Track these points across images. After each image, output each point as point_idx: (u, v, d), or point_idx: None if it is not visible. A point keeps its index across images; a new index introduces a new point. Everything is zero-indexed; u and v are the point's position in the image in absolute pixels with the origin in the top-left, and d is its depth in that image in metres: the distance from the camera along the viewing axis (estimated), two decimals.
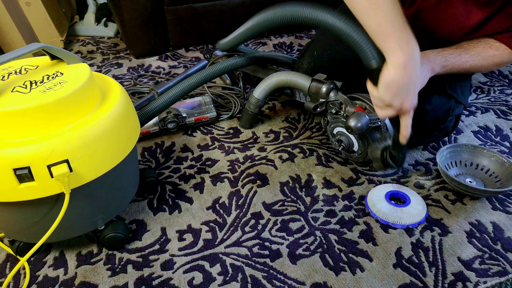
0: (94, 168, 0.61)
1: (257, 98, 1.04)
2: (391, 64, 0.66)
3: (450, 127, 0.97)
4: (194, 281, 0.69)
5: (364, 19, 0.66)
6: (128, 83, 1.32)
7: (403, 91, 0.68)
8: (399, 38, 0.64)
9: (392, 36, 0.64)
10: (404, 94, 0.69)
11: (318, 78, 0.95)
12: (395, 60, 0.65)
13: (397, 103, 0.70)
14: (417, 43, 0.65)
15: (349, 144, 0.90)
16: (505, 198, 0.86)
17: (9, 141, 0.55)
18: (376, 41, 0.66)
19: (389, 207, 0.80)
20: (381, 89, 0.70)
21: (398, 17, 0.63)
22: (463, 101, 0.94)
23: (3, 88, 0.59)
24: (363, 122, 0.80)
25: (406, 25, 0.64)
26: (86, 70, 0.64)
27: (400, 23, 0.63)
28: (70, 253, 0.74)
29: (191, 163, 0.97)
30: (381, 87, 0.70)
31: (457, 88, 0.92)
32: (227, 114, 1.13)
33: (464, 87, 0.95)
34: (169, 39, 1.52)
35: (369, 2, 0.63)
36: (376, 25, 0.65)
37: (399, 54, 0.64)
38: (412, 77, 0.67)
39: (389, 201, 0.82)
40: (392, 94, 0.69)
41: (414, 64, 0.66)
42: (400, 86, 0.67)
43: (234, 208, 0.84)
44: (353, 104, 0.88)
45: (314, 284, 0.69)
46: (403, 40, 0.64)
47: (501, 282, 0.69)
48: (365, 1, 0.64)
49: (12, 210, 0.62)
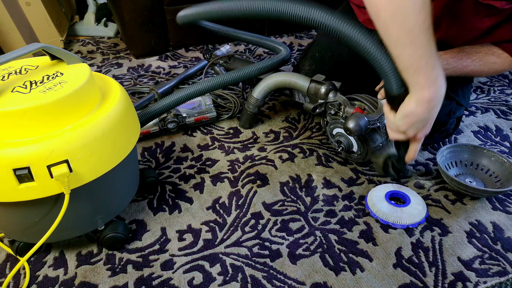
0: (94, 168, 0.61)
1: (256, 98, 1.04)
2: (415, 98, 0.64)
3: (451, 129, 0.97)
4: (194, 281, 0.69)
5: (397, 51, 0.62)
6: (128, 83, 1.32)
7: (420, 124, 0.68)
8: (430, 74, 0.61)
9: (423, 72, 0.61)
10: (420, 126, 0.68)
11: (316, 79, 0.95)
12: (419, 95, 0.63)
13: (411, 133, 0.70)
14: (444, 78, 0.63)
15: (348, 145, 0.90)
16: (505, 198, 0.86)
17: (9, 141, 0.55)
18: (404, 73, 0.63)
19: (389, 207, 0.80)
20: (399, 117, 0.68)
21: (432, 53, 0.60)
22: (464, 104, 0.94)
23: (3, 88, 0.59)
24: (362, 124, 0.80)
25: (437, 60, 0.61)
26: (86, 70, 0.64)
27: (433, 59, 0.61)
28: (70, 253, 0.74)
29: (191, 163, 0.97)
30: (399, 115, 0.68)
31: (458, 90, 0.92)
32: (227, 114, 1.13)
33: (465, 89, 0.95)
34: (169, 39, 1.53)
35: (407, 36, 0.59)
36: (409, 59, 0.61)
37: (425, 90, 0.62)
38: (432, 113, 0.66)
39: (389, 201, 0.82)
40: (408, 124, 0.68)
41: (438, 100, 0.64)
42: (418, 119, 0.66)
43: (234, 208, 0.84)
44: (352, 104, 0.88)
45: (314, 284, 0.69)
46: (432, 76, 0.62)
47: (501, 282, 0.69)
48: (403, 35, 0.59)
49: (12, 210, 0.62)
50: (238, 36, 1.13)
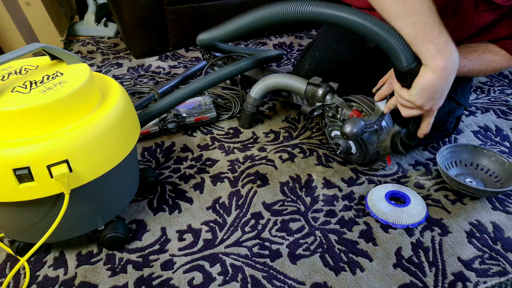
0: (94, 168, 0.61)
1: (254, 97, 1.04)
2: (430, 68, 0.63)
3: (450, 129, 0.97)
4: (194, 281, 0.69)
5: (400, 24, 0.62)
6: (128, 83, 1.32)
7: (437, 94, 0.67)
8: (438, 41, 0.61)
9: (431, 39, 0.61)
10: (437, 97, 0.67)
11: (313, 81, 0.95)
12: (434, 65, 0.63)
13: (428, 106, 0.69)
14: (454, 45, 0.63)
15: (347, 147, 0.90)
16: (505, 198, 0.86)
17: (9, 141, 0.55)
18: (413, 45, 0.63)
19: (389, 207, 0.80)
20: (415, 92, 0.67)
21: (435, 20, 0.61)
22: (463, 103, 0.94)
23: (3, 88, 0.59)
24: (358, 128, 0.80)
25: (442, 27, 0.61)
26: (86, 70, 0.64)
27: (437, 26, 0.61)
28: (70, 253, 0.74)
29: (191, 163, 0.97)
30: (415, 90, 0.67)
31: (457, 90, 0.92)
32: (227, 114, 1.13)
33: (465, 88, 0.95)
34: (169, 39, 1.52)
35: (404, 6, 0.60)
36: (413, 29, 0.61)
37: (438, 58, 0.62)
38: (449, 80, 0.65)
39: (389, 201, 0.82)
40: (426, 97, 0.67)
41: (454, 66, 0.63)
42: (436, 90, 0.65)
43: (234, 208, 0.84)
44: (349, 106, 0.88)
45: (314, 284, 0.69)
46: (441, 42, 0.61)
47: (501, 282, 0.69)
48: (400, 6, 0.61)
49: (12, 210, 0.62)
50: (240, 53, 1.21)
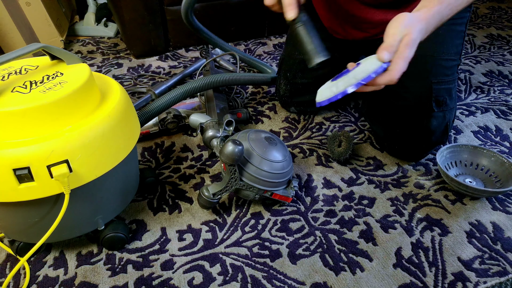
0: (94, 169, 0.61)
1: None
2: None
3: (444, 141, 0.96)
4: (194, 281, 0.69)
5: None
6: (128, 83, 1.32)
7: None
8: None
9: None
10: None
11: (207, 124, 0.89)
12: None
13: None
14: None
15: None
16: (505, 198, 0.86)
17: (9, 141, 0.55)
18: None
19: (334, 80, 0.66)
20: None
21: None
22: (453, 106, 0.90)
23: (3, 88, 0.59)
24: (237, 151, 0.72)
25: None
26: (86, 70, 0.64)
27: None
28: (70, 253, 0.74)
29: (191, 163, 0.97)
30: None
31: (444, 97, 0.87)
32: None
33: (451, 90, 0.88)
34: (169, 39, 1.52)
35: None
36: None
37: None
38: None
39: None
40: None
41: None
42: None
43: (234, 208, 0.84)
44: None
45: (314, 284, 0.69)
46: None
47: (501, 282, 0.69)
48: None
49: (12, 210, 0.62)
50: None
